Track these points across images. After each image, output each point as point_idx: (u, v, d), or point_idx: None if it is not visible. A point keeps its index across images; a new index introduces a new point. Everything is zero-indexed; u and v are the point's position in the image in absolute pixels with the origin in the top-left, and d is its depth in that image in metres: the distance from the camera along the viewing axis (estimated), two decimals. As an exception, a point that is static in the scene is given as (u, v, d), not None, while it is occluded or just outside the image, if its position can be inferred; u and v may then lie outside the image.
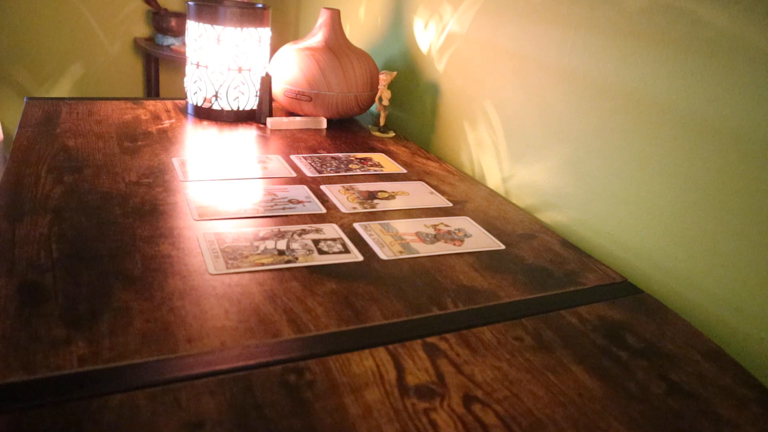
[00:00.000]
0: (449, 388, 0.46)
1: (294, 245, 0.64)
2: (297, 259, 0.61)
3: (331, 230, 0.69)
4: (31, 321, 0.46)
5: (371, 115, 1.25)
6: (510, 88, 0.93)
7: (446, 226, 0.74)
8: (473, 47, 1.01)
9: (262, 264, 0.59)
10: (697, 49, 0.64)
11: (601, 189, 0.77)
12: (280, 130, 1.08)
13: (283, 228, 0.68)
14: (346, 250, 0.64)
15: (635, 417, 0.45)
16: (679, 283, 0.68)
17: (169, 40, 2.22)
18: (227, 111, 1.08)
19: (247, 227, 0.67)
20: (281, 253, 0.62)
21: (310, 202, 0.77)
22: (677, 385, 0.50)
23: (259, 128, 1.08)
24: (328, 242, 0.66)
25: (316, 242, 0.65)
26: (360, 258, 0.63)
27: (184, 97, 1.15)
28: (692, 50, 0.65)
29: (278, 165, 0.89)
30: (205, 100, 1.08)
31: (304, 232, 0.67)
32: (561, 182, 0.84)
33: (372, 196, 0.81)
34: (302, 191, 0.80)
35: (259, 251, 0.62)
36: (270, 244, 0.63)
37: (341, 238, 0.67)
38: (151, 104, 1.13)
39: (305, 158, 0.93)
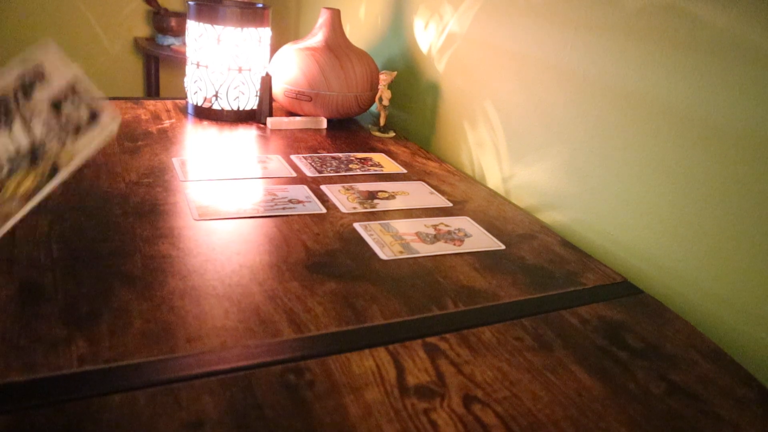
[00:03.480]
0: (449, 388, 0.46)
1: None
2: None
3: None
4: (31, 321, 0.46)
5: (371, 115, 1.25)
6: (510, 88, 0.93)
7: (446, 226, 0.74)
8: (473, 47, 1.01)
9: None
10: (697, 49, 0.64)
11: (601, 189, 0.77)
12: (280, 130, 1.08)
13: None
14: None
15: (635, 417, 0.45)
16: (679, 283, 0.67)
17: (170, 40, 2.22)
18: (227, 111, 1.08)
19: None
20: (33, 157, 0.55)
21: (310, 202, 0.77)
22: (677, 385, 0.50)
23: (259, 128, 1.08)
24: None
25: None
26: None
27: (184, 97, 1.15)
28: (692, 50, 0.65)
29: (278, 165, 0.89)
30: (205, 100, 1.08)
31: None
32: (561, 182, 0.84)
33: (372, 196, 0.81)
34: (302, 191, 0.80)
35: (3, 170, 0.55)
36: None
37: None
38: (151, 104, 1.13)
39: (305, 158, 0.93)
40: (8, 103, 0.38)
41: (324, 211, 0.74)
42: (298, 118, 1.10)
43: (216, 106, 1.08)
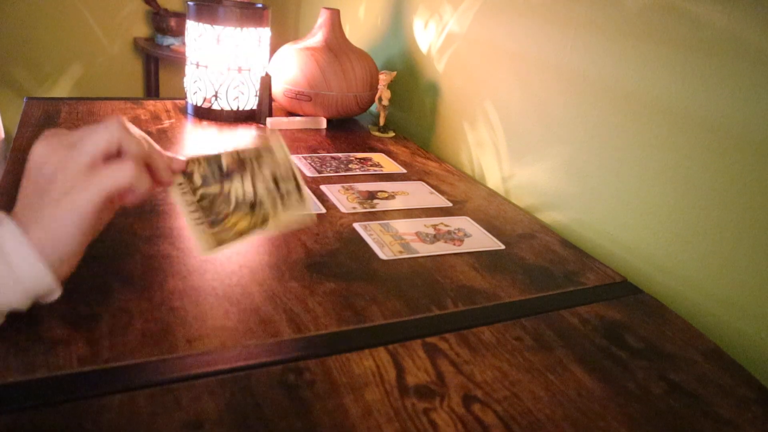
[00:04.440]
0: (449, 388, 0.46)
1: (259, 188, 0.52)
2: (269, 216, 0.51)
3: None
4: (31, 321, 0.46)
5: (371, 115, 1.25)
6: (510, 88, 0.93)
7: (446, 226, 0.74)
8: (473, 47, 1.01)
9: (241, 233, 0.51)
10: (697, 49, 0.64)
11: (601, 189, 0.77)
12: (279, 130, 1.08)
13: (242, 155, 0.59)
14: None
15: (635, 417, 0.45)
16: (679, 283, 0.68)
17: (169, 40, 2.22)
18: (227, 111, 1.08)
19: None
20: (252, 206, 0.53)
21: (310, 202, 0.77)
22: (677, 385, 0.50)
23: (259, 128, 1.08)
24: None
25: (276, 183, 0.54)
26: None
27: (184, 97, 1.15)
28: (692, 50, 0.65)
29: (278, 165, 0.89)
30: (204, 100, 1.08)
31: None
32: (561, 182, 0.84)
33: (372, 196, 0.81)
34: (302, 191, 0.80)
35: (232, 206, 0.52)
36: (238, 188, 0.52)
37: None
38: (151, 104, 1.13)
39: (305, 158, 0.93)
40: (245, 163, 0.51)
41: (324, 211, 0.74)
42: (297, 118, 1.10)
43: (216, 107, 1.08)
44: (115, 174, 0.42)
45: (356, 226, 0.71)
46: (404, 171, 0.93)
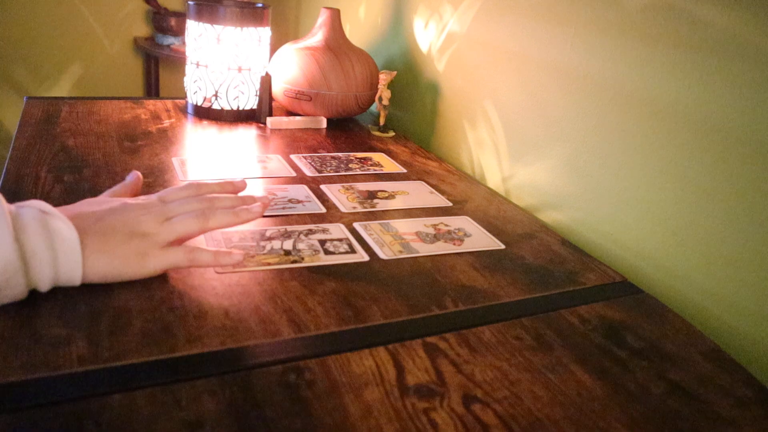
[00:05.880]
0: (449, 387, 0.46)
1: (300, 245, 0.64)
2: (303, 259, 0.61)
3: (338, 230, 0.69)
4: (31, 320, 0.46)
5: (371, 115, 1.25)
6: (510, 88, 0.93)
7: (446, 225, 0.74)
8: (473, 47, 1.01)
9: (268, 264, 0.59)
10: (697, 49, 0.64)
11: (601, 189, 0.77)
12: (280, 130, 1.08)
13: (290, 228, 0.68)
14: (352, 250, 0.65)
15: (635, 417, 0.45)
16: (679, 283, 0.68)
17: (169, 40, 2.22)
18: (227, 111, 1.08)
19: (254, 226, 0.67)
20: (287, 253, 0.62)
21: (309, 201, 0.77)
22: (677, 385, 0.50)
23: (259, 128, 1.08)
24: (335, 242, 0.66)
25: (322, 242, 0.65)
26: (366, 258, 0.64)
27: (184, 97, 1.15)
28: (692, 50, 0.65)
29: (278, 164, 0.89)
30: (205, 99, 1.08)
31: (311, 232, 0.67)
32: (561, 182, 0.84)
33: (372, 195, 0.81)
34: (302, 191, 0.80)
35: (265, 251, 0.62)
36: (276, 244, 0.63)
37: (347, 239, 0.67)
38: (151, 104, 1.13)
39: (305, 158, 0.93)
40: (293, 233, 0.65)
41: (324, 210, 0.74)
42: (297, 118, 1.10)
43: (216, 106, 1.08)
44: (177, 257, 0.54)
45: (356, 225, 0.71)
46: (404, 171, 0.93)
